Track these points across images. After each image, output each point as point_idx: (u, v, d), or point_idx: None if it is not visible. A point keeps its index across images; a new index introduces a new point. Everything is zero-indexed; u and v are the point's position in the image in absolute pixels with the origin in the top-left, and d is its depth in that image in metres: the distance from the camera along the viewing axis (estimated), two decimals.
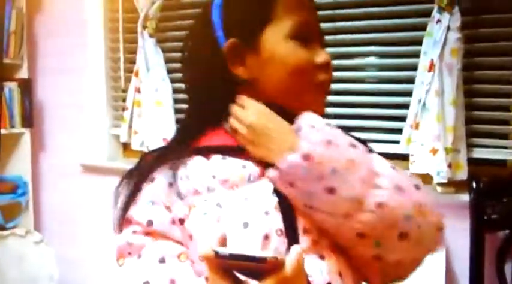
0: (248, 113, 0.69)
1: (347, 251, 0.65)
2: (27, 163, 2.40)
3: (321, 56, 0.70)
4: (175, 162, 0.69)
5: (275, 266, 0.47)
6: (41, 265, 2.03)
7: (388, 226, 0.61)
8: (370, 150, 0.74)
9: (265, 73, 0.71)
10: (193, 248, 0.64)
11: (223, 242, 0.53)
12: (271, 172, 0.64)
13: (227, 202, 0.65)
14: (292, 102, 0.71)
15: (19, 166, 2.41)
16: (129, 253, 0.65)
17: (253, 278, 0.49)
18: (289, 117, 0.69)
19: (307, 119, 0.66)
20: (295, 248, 0.52)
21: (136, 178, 0.70)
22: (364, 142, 0.76)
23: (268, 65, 0.70)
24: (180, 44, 2.40)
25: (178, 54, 2.30)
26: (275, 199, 0.65)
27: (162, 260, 0.63)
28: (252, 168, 0.68)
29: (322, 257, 0.64)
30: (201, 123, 0.73)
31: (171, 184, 0.66)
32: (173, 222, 0.65)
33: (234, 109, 0.70)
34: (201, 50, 0.74)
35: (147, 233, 0.65)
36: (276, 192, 0.66)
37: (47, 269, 2.02)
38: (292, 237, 0.63)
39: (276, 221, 0.64)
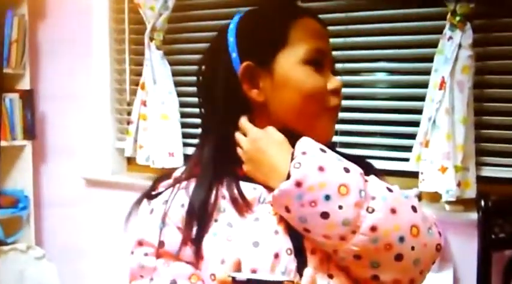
0: (245, 139, 0.74)
1: (347, 270, 0.68)
2: (29, 176, 2.41)
3: (333, 82, 0.75)
4: (189, 184, 0.73)
5: None
6: (42, 281, 2.05)
7: (383, 248, 0.64)
8: (372, 169, 0.79)
9: (278, 97, 0.74)
10: (204, 268, 0.68)
11: (238, 267, 0.58)
12: (268, 198, 0.70)
13: (238, 222, 0.69)
14: (303, 126, 0.74)
15: (20, 179, 2.41)
16: (141, 276, 0.69)
17: None
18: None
19: (301, 145, 0.69)
20: (308, 271, 0.57)
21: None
22: (365, 160, 0.81)
23: (282, 88, 0.74)
24: (188, 56, 2.44)
25: (186, 67, 2.34)
26: (285, 219, 0.69)
27: (174, 282, 0.67)
28: (262, 190, 0.72)
29: (330, 276, 0.68)
30: (222, 143, 0.76)
31: (183, 205, 0.70)
32: (184, 243, 0.68)
33: (236, 134, 0.76)
34: (217, 73, 0.78)
35: (159, 255, 0.68)
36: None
37: None
38: (301, 256, 0.68)
39: (286, 240, 0.68)
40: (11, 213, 2.33)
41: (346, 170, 0.66)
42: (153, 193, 0.75)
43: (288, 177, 0.65)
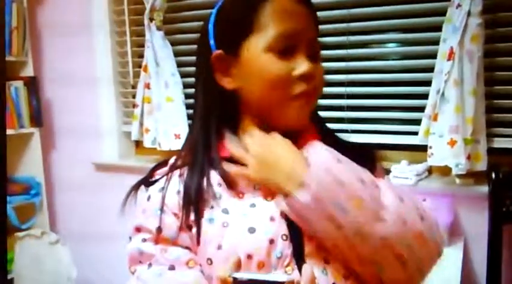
0: (254, 144, 0.75)
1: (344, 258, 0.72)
2: (39, 163, 2.48)
3: (300, 68, 0.73)
4: (183, 171, 0.76)
5: None
6: (58, 265, 2.13)
7: (391, 255, 0.68)
8: (374, 157, 0.83)
9: (247, 85, 0.76)
10: (201, 253, 0.72)
11: (238, 267, 0.61)
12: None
13: (234, 208, 0.73)
14: (273, 114, 0.76)
15: (31, 166, 2.49)
16: (140, 262, 0.73)
17: None
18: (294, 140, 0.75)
19: (316, 154, 0.71)
20: (306, 269, 0.61)
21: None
22: (367, 149, 0.85)
23: (249, 77, 0.76)
24: (190, 35, 2.45)
25: (188, 47, 2.35)
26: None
27: (172, 268, 0.71)
28: None
29: (327, 261, 0.72)
30: (206, 131, 0.79)
31: (179, 192, 0.74)
32: (181, 229, 0.72)
33: (245, 139, 0.76)
34: (199, 58, 0.82)
35: (157, 241, 0.73)
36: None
37: (64, 269, 2.12)
38: (297, 242, 0.72)
39: (281, 227, 0.72)
40: (24, 199, 2.41)
41: (361, 181, 0.70)
42: (150, 180, 0.79)
43: (302, 184, 0.68)
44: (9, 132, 2.29)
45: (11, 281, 2.23)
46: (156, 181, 0.78)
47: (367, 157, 0.82)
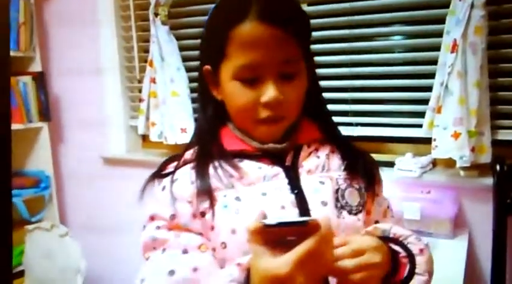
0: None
1: None
2: (48, 157, 2.54)
3: (265, 96, 0.76)
4: (196, 163, 0.81)
5: (314, 226, 0.61)
6: (67, 258, 2.17)
7: None
8: (374, 167, 0.91)
9: (226, 102, 0.83)
10: (214, 237, 0.77)
11: (264, 217, 0.66)
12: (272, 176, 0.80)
13: (246, 196, 0.78)
14: (247, 130, 0.83)
15: (40, 160, 2.55)
16: (154, 248, 0.78)
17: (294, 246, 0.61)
18: None
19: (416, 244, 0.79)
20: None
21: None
22: (369, 157, 0.92)
23: (224, 97, 0.82)
24: (195, 30, 2.46)
25: (193, 41, 2.36)
26: (291, 196, 0.78)
27: (185, 251, 0.76)
28: (267, 169, 0.81)
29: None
30: (211, 126, 0.86)
31: (192, 182, 0.79)
32: (194, 216, 0.77)
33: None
34: (199, 65, 0.87)
35: (170, 227, 0.77)
36: (292, 189, 0.79)
37: (74, 262, 2.16)
38: None
39: (291, 215, 0.76)
40: (34, 192, 2.47)
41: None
42: (164, 172, 0.83)
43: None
44: (18, 126, 2.36)
45: (21, 274, 2.29)
46: (169, 173, 0.82)
47: (368, 167, 0.88)
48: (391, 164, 1.84)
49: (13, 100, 2.34)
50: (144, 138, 2.49)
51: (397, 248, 0.78)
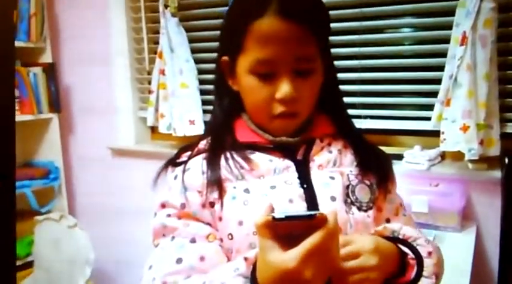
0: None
1: None
2: (58, 148, 2.57)
3: (280, 92, 0.77)
4: (208, 154, 0.83)
5: (322, 220, 0.61)
6: (76, 249, 2.20)
7: None
8: (388, 162, 0.92)
9: (241, 94, 0.84)
10: (222, 227, 0.78)
11: (272, 210, 0.67)
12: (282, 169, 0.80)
13: (255, 188, 0.79)
14: (261, 124, 0.84)
15: (49, 151, 2.58)
16: (164, 235, 0.79)
17: (301, 240, 0.62)
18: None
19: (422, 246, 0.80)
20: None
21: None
22: (383, 153, 0.93)
23: (241, 90, 0.83)
24: (204, 22, 2.48)
25: (202, 33, 2.38)
26: (300, 190, 0.79)
27: (193, 240, 0.77)
28: (278, 162, 0.82)
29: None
30: (225, 117, 0.87)
31: (203, 172, 0.80)
32: (204, 206, 0.79)
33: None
34: (217, 56, 0.88)
35: (180, 216, 0.79)
36: (301, 183, 0.80)
37: (82, 253, 2.19)
38: None
39: (299, 209, 0.77)
40: (43, 183, 2.50)
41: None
42: (177, 161, 0.85)
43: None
44: (28, 117, 2.39)
45: (30, 264, 2.33)
46: (183, 162, 0.84)
47: (382, 162, 0.89)
48: (399, 157, 1.85)
49: (23, 91, 2.38)
50: (153, 129, 2.51)
51: (405, 249, 0.78)
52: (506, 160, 1.61)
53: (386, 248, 0.75)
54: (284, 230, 0.62)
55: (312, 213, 0.61)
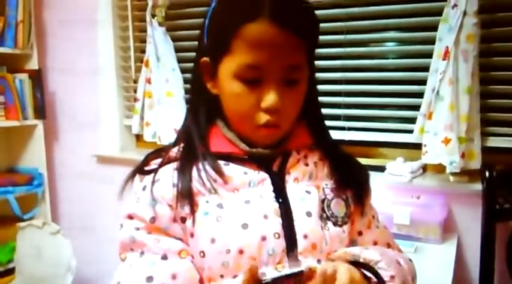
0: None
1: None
2: (42, 154, 2.52)
3: (266, 101, 0.72)
4: (179, 164, 0.77)
5: (310, 274, 0.61)
6: (58, 256, 2.15)
7: None
8: (365, 175, 0.88)
9: (222, 99, 0.78)
10: (193, 244, 0.74)
11: (255, 272, 0.63)
12: (257, 182, 0.76)
13: (229, 203, 0.75)
14: (243, 133, 0.78)
15: (33, 158, 2.53)
16: (132, 249, 0.75)
17: None
18: None
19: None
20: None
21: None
22: (360, 165, 0.88)
23: (222, 94, 0.77)
24: (191, 32, 2.46)
25: (188, 43, 2.37)
26: (275, 205, 0.75)
27: (165, 257, 0.73)
28: (253, 175, 0.77)
29: (319, 261, 0.74)
30: (197, 125, 0.81)
31: (174, 185, 0.75)
32: (174, 220, 0.74)
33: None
34: (196, 55, 0.82)
35: (150, 230, 0.74)
36: (277, 198, 0.76)
37: (64, 260, 2.14)
38: (290, 240, 0.73)
39: (274, 225, 0.74)
40: (27, 190, 2.44)
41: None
42: (146, 169, 0.80)
43: None
44: (13, 123, 2.35)
45: (12, 270, 2.26)
46: (151, 170, 0.78)
47: (359, 175, 0.86)
48: (382, 168, 1.83)
49: (9, 97, 2.34)
50: (138, 137, 2.48)
51: (369, 274, 0.74)
52: (487, 174, 1.60)
53: (359, 279, 0.70)
54: None
55: (299, 269, 0.60)
